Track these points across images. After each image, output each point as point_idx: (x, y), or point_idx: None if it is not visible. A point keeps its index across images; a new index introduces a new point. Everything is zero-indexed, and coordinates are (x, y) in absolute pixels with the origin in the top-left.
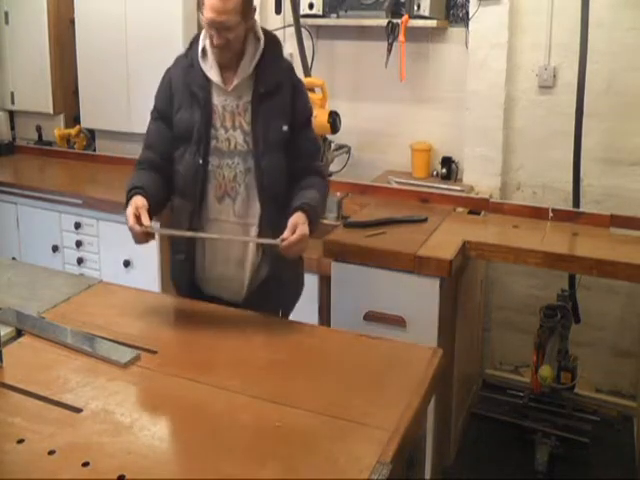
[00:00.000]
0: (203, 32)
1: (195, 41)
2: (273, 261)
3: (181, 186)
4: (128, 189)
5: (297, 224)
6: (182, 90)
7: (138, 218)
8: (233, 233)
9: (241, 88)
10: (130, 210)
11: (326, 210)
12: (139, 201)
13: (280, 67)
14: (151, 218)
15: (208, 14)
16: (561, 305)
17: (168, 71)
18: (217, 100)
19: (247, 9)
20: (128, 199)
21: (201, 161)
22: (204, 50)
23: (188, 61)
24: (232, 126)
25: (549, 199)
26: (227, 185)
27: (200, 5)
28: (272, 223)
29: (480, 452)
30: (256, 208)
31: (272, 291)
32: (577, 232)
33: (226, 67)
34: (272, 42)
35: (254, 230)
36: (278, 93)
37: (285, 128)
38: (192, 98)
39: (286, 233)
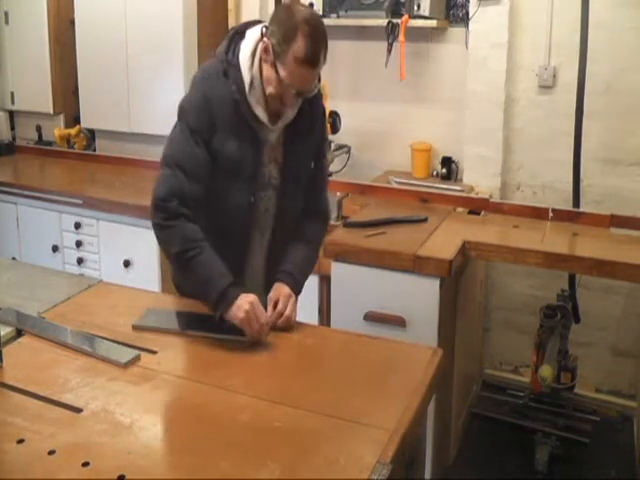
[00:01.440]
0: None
1: (233, 54)
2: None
3: (224, 222)
4: (226, 283)
5: (279, 298)
6: (228, 120)
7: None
8: (261, 262)
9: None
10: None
11: (321, 246)
12: (250, 299)
13: (316, 100)
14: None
15: (293, 83)
16: (561, 305)
17: (202, 88)
18: (262, 135)
19: None
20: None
21: (252, 199)
22: (251, 83)
23: (234, 89)
24: (269, 160)
25: (549, 199)
26: (260, 218)
27: (279, 60)
28: (277, 255)
29: (480, 452)
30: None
31: None
32: (577, 232)
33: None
34: None
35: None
36: (311, 129)
37: (312, 164)
38: (241, 131)
39: (269, 311)
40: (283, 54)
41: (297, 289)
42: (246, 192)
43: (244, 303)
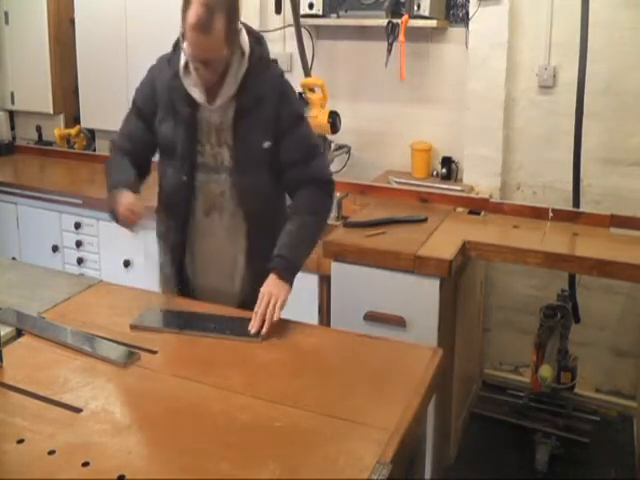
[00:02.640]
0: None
1: (178, 47)
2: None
3: (165, 201)
4: (112, 184)
5: (263, 296)
6: (165, 102)
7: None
8: (221, 247)
9: (225, 104)
10: (123, 209)
11: (327, 218)
12: (129, 196)
13: (264, 76)
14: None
15: (191, 50)
16: (561, 305)
17: (152, 70)
18: (202, 116)
19: (231, 37)
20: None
21: (185, 178)
22: (187, 64)
23: (171, 71)
24: (218, 142)
25: (549, 199)
26: (215, 199)
27: (183, 36)
28: (258, 239)
29: (480, 452)
30: (243, 224)
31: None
32: (577, 232)
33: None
34: (256, 44)
35: (242, 244)
36: (259, 108)
37: (266, 145)
38: (175, 114)
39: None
40: (183, 27)
41: (290, 271)
42: (179, 171)
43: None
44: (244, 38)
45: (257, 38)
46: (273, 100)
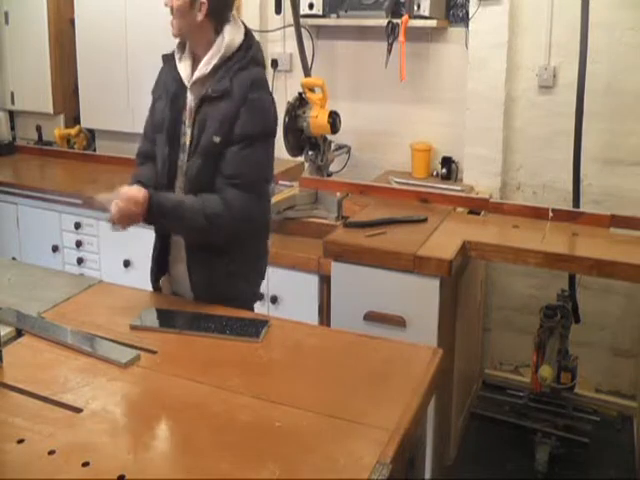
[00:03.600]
0: None
1: None
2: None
3: (159, 179)
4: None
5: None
6: (163, 80)
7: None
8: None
9: (199, 87)
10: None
11: (200, 226)
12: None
13: (239, 76)
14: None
15: None
16: (561, 305)
17: (165, 58)
18: (186, 96)
19: (194, 3)
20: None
21: (167, 151)
22: (182, 44)
23: (171, 53)
24: (190, 124)
25: (549, 199)
26: (183, 180)
27: None
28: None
29: (480, 452)
30: None
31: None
32: (577, 232)
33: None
34: (247, 49)
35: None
36: (223, 102)
37: (216, 140)
38: (171, 91)
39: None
40: None
41: (155, 207)
42: (164, 148)
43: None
44: (236, 34)
45: (250, 43)
46: (237, 101)
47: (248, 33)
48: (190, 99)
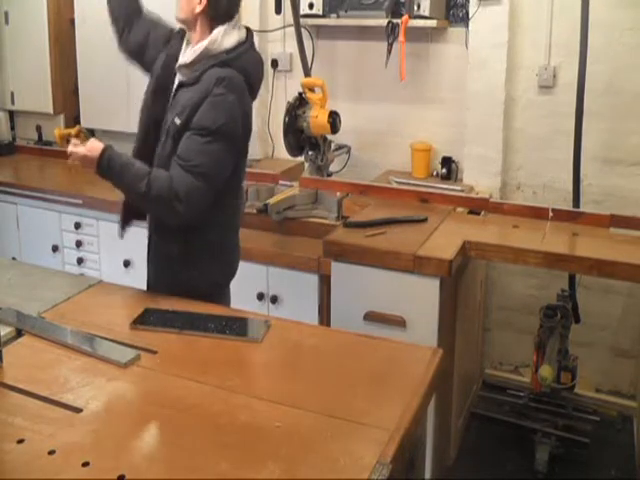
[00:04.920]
0: None
1: None
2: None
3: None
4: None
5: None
6: (168, 52)
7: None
8: None
9: (182, 74)
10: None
11: (140, 192)
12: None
13: (211, 72)
14: None
15: None
16: (561, 305)
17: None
18: (176, 79)
19: None
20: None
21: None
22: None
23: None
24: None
25: (549, 199)
26: None
27: None
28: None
29: (480, 452)
30: None
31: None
32: (577, 232)
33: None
34: (236, 54)
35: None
36: (191, 88)
37: (177, 122)
38: (167, 62)
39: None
40: None
41: (107, 161)
42: (151, 106)
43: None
44: (227, 34)
45: (240, 51)
46: (202, 92)
47: (247, 42)
48: (175, 83)
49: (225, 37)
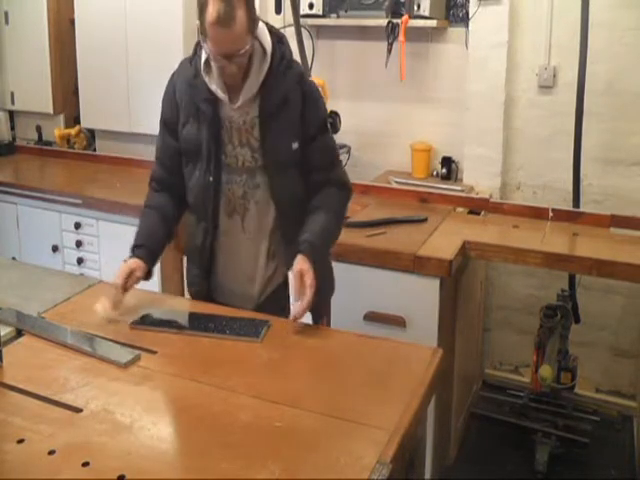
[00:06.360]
0: None
1: (200, 47)
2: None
3: (193, 203)
4: (136, 243)
5: (301, 276)
6: (187, 102)
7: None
8: (243, 248)
9: (248, 104)
10: (124, 269)
11: (344, 219)
12: (135, 264)
13: (287, 76)
14: (148, 277)
15: (215, 48)
16: (561, 305)
17: (172, 77)
18: (224, 115)
19: (252, 24)
20: (132, 255)
21: (212, 178)
22: (208, 63)
23: (192, 71)
24: (240, 143)
25: (549, 199)
26: (236, 202)
27: (203, 36)
28: (287, 237)
29: (480, 452)
30: (267, 224)
31: (281, 299)
32: (577, 232)
33: (235, 82)
34: (278, 44)
35: (265, 245)
36: (286, 109)
37: (295, 146)
38: (198, 113)
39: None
40: (203, 27)
41: (315, 257)
42: (205, 172)
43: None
44: (266, 37)
45: (279, 37)
46: (297, 101)
47: (265, 26)
48: (234, 118)
49: (265, 35)
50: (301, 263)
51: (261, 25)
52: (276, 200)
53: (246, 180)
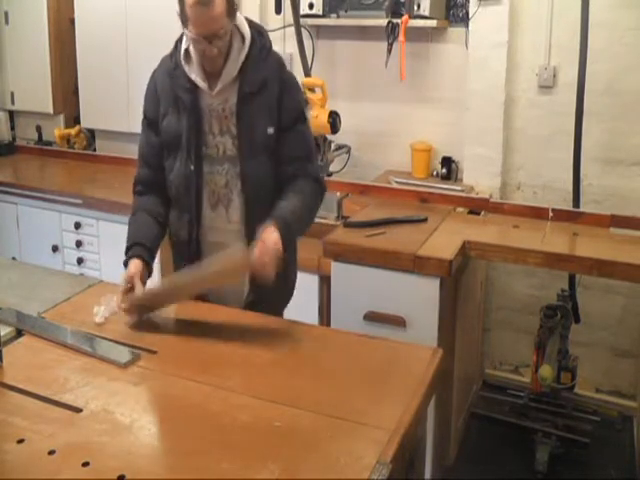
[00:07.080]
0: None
1: (179, 41)
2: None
3: (175, 195)
4: (128, 244)
5: (264, 241)
6: (167, 94)
7: (131, 288)
8: (229, 240)
9: (227, 90)
10: (125, 278)
11: (316, 214)
12: (134, 267)
13: (266, 63)
14: (150, 274)
15: (196, 29)
16: (561, 305)
17: (154, 74)
18: (204, 104)
19: (231, 8)
20: (128, 257)
21: (193, 167)
22: (187, 52)
23: (173, 63)
24: (220, 131)
25: (549, 199)
26: (219, 192)
27: (184, 21)
28: (257, 228)
29: (480, 452)
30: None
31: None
32: (577, 232)
33: (215, 68)
34: (258, 36)
35: (242, 231)
36: (263, 92)
37: (270, 131)
38: (178, 103)
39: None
40: (183, 12)
41: (284, 231)
42: (186, 162)
43: (128, 268)
44: (245, 27)
45: (258, 30)
46: (275, 86)
47: (245, 19)
48: (213, 106)
49: (243, 21)
50: (269, 231)
51: (241, 17)
52: (243, 184)
53: (228, 169)
